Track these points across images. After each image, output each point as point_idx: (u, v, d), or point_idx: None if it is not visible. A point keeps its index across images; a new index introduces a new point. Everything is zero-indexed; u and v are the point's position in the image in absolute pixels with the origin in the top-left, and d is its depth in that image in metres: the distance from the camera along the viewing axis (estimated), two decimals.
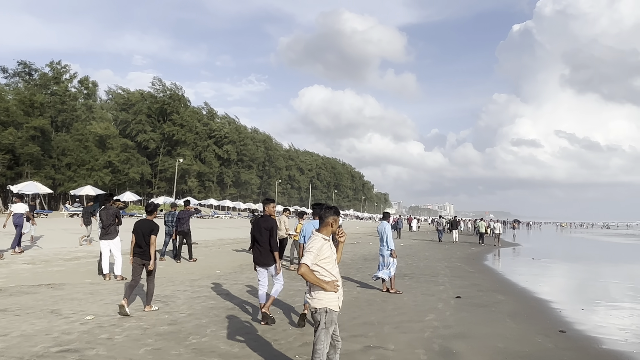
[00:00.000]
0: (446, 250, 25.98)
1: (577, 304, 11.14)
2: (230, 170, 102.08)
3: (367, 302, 10.04)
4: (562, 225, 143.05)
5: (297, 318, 8.03)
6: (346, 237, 4.91)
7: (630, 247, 41.39)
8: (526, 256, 25.32)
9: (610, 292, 13.39)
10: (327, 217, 4.73)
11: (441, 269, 16.67)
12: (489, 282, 14.13)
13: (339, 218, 4.84)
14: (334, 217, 4.74)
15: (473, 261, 20.60)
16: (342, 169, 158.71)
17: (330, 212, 4.74)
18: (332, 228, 4.74)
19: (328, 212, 4.73)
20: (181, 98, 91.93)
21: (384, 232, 11.38)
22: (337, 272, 4.70)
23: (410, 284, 12.85)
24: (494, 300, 10.94)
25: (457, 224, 38.01)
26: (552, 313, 9.86)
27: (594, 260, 25.88)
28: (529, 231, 79.29)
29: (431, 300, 10.60)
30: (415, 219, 63.82)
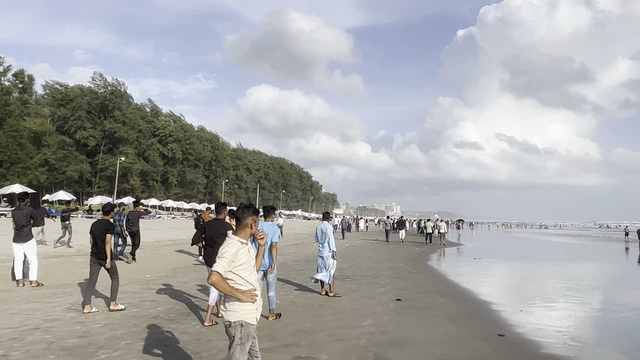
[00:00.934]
0: (390, 251, 25.89)
1: (516, 305, 11.03)
2: (175, 170, 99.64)
3: (303, 307, 9.55)
4: (503, 225, 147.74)
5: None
6: (266, 239, 4.36)
7: (565, 246, 42.83)
8: (468, 256, 25.54)
9: (547, 291, 13.45)
10: (245, 217, 4.19)
11: (383, 270, 16.41)
12: (431, 283, 13.94)
13: (258, 218, 4.31)
14: (253, 218, 4.20)
15: (416, 261, 20.52)
16: (291, 169, 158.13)
17: (249, 211, 4.20)
18: (251, 230, 4.20)
19: (246, 212, 4.19)
20: (123, 94, 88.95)
21: (326, 232, 10.93)
22: (255, 280, 4.16)
23: (351, 287, 12.47)
24: (434, 302, 10.69)
25: (404, 224, 38.77)
26: (491, 315, 9.67)
27: (532, 259, 26.40)
28: (471, 231, 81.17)
29: (370, 303, 10.23)
30: (362, 219, 64.25)
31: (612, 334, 8.75)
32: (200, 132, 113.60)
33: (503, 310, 10.23)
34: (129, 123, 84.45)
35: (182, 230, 35.07)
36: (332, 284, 11.00)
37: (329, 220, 11.42)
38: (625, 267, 23.32)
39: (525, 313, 10.00)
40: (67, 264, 14.54)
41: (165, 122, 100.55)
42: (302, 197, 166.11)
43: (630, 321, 9.75)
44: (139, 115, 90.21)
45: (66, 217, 19.31)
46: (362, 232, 51.75)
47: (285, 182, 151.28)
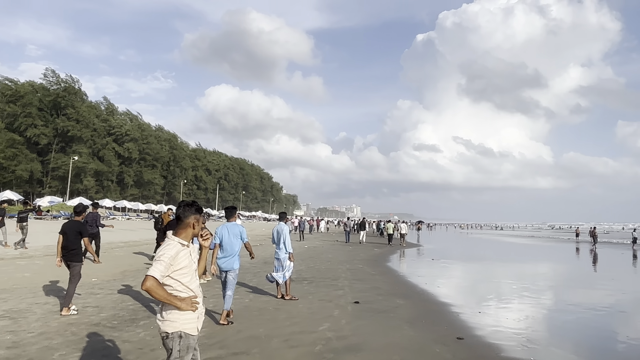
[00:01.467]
0: (350, 252, 25.70)
1: (474, 306, 10.94)
2: (132, 170, 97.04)
3: (258, 311, 9.14)
4: (460, 226, 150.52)
5: None
6: (211, 240, 3.97)
7: (519, 246, 43.72)
8: (427, 257, 25.62)
9: (504, 292, 13.46)
10: (186, 216, 3.78)
11: (342, 272, 16.15)
12: (389, 284, 13.75)
13: (202, 217, 3.91)
14: (195, 217, 3.80)
15: (375, 263, 20.37)
16: (251, 170, 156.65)
17: (191, 210, 3.80)
18: (194, 230, 3.80)
19: (188, 211, 3.79)
20: (78, 92, 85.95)
21: (282, 233, 10.56)
22: (197, 286, 3.76)
23: (309, 289, 12.13)
24: (393, 304, 10.46)
25: (364, 226, 39.13)
26: (450, 317, 9.51)
27: (488, 259, 26.74)
28: (430, 232, 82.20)
29: (328, 306, 9.91)
30: (323, 221, 64.20)
31: (568, 334, 8.70)
32: (158, 132, 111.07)
33: (462, 312, 10.10)
34: (83, 121, 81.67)
35: (137, 231, 33.99)
36: (288, 286, 10.64)
37: (286, 221, 11.04)
38: (577, 267, 23.82)
39: (484, 315, 9.89)
40: (7, 268, 13.66)
41: (122, 120, 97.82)
42: (263, 199, 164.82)
43: (585, 321, 9.75)
44: (94, 113, 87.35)
45: (24, 217, 18.81)
46: (322, 234, 51.52)
47: (246, 183, 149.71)
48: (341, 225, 76.55)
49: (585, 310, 10.92)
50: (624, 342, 8.10)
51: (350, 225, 40.13)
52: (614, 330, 9.00)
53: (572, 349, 7.61)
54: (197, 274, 3.84)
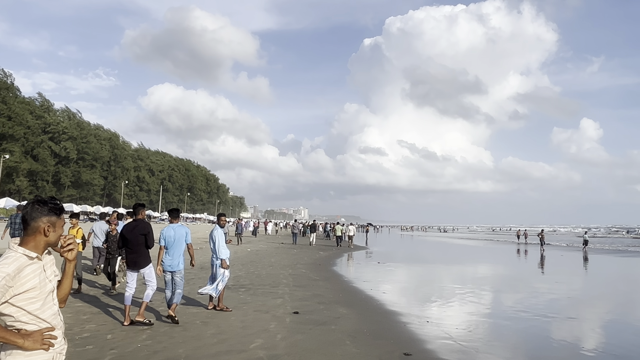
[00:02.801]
0: (294, 256, 24.77)
1: (422, 314, 10.24)
2: (69, 170, 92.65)
3: (182, 327, 8.05)
4: (405, 228, 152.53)
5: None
6: (77, 251, 2.89)
7: (464, 248, 44.08)
8: (373, 260, 25.06)
9: (452, 298, 12.90)
10: (35, 217, 2.67)
11: (284, 278, 15.19)
12: (333, 291, 12.90)
13: (61, 220, 2.81)
14: (50, 219, 2.70)
15: (319, 267, 19.52)
16: (197, 171, 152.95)
17: (43, 209, 2.69)
18: (48, 238, 2.69)
19: (38, 211, 2.68)
20: (10, 87, 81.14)
21: (214, 238, 9.51)
22: (54, 315, 2.69)
23: (244, 298, 11.11)
24: (335, 314, 9.60)
25: (315, 228, 39.40)
26: (397, 329, 8.74)
27: (434, 262, 26.51)
28: (376, 234, 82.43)
29: (264, 318, 8.94)
30: (271, 223, 63.46)
31: (521, 345, 8.10)
32: (98, 130, 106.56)
33: (409, 321, 9.36)
34: (16, 118, 77.06)
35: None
36: (221, 296, 9.58)
37: (221, 224, 9.91)
38: (525, 270, 23.81)
39: (432, 325, 9.17)
40: None
41: (58, 118, 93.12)
42: (208, 200, 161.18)
43: (538, 330, 9.20)
44: (27, 109, 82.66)
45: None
46: (270, 236, 50.35)
47: (191, 185, 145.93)
48: (288, 228, 75.79)
49: (537, 317, 10.41)
50: (577, 351, 7.56)
51: (298, 227, 39.86)
52: (566, 339, 8.46)
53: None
54: (59, 295, 2.79)
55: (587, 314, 11.37)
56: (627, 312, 11.91)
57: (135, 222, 8.28)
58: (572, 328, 9.47)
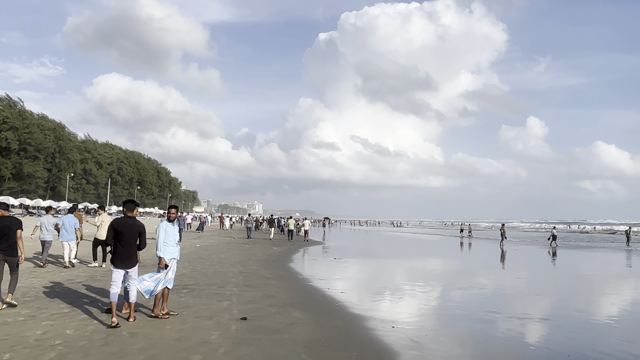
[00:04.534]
0: (246, 251, 23.41)
1: (387, 317, 9.16)
2: (10, 161, 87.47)
3: (102, 339, 6.67)
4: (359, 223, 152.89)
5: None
6: None
7: (420, 242, 43.82)
8: (329, 255, 24.01)
9: (417, 297, 11.97)
10: None
11: (233, 276, 13.88)
12: (286, 291, 11.70)
13: None
14: None
15: (273, 263, 18.29)
16: (147, 164, 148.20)
17: None
18: None
19: None
20: None
21: (157, 232, 8.14)
22: None
23: (186, 301, 9.77)
24: (288, 320, 8.40)
25: (274, 222, 39.54)
26: (360, 336, 7.62)
27: (392, 257, 25.71)
28: (329, 229, 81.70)
29: (205, 327, 7.66)
30: (227, 217, 62.21)
31: (502, 353, 7.15)
32: (42, 121, 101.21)
33: (372, 327, 8.27)
34: None
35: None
36: (157, 301, 8.21)
37: (171, 217, 8.34)
38: (488, 266, 23.32)
39: (399, 330, 8.10)
40: None
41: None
42: (160, 194, 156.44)
43: (516, 334, 8.31)
44: None
45: None
46: (224, 231, 48.64)
47: (141, 178, 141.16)
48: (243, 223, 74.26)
49: (508, 318, 9.55)
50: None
51: (252, 222, 39.06)
52: (545, 344, 7.58)
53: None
54: None
55: (563, 313, 10.63)
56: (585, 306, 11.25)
57: (131, 219, 7.91)
58: (551, 330, 8.62)
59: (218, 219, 65.36)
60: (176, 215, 8.40)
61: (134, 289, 7.78)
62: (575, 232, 78.83)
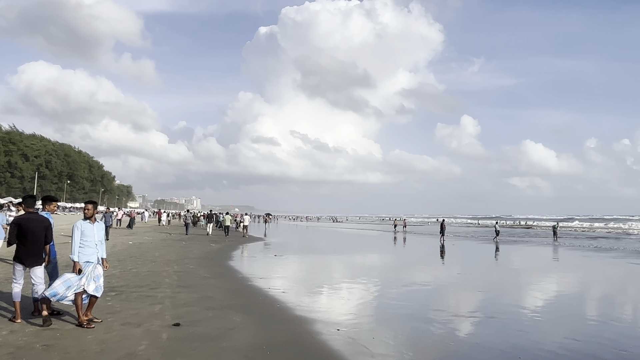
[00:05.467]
0: (182, 248, 22.36)
1: (331, 319, 8.66)
2: None
3: (10, 354, 5.78)
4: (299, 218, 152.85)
5: None
6: None
7: (360, 237, 43.97)
8: (270, 252, 23.38)
9: (361, 295, 11.59)
10: None
11: (167, 276, 12.99)
12: (225, 292, 10.99)
13: None
14: None
15: (211, 261, 17.44)
16: (78, 157, 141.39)
17: None
18: None
19: None
20: None
21: (72, 231, 7.24)
22: None
23: (113, 305, 8.88)
24: (227, 324, 7.73)
25: (212, 218, 38.51)
26: (305, 342, 7.07)
27: (333, 252, 25.40)
28: (268, 225, 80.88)
29: (134, 335, 6.87)
30: (165, 213, 60.15)
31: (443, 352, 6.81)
32: None
33: (317, 330, 7.75)
34: None
35: None
36: (78, 307, 7.29)
37: (86, 214, 7.45)
38: (435, 263, 23.40)
39: (343, 334, 7.60)
40: None
41: None
42: (92, 189, 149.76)
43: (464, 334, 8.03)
44: None
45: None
46: (161, 227, 46.77)
47: (71, 172, 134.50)
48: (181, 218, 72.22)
49: (455, 317, 9.30)
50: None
51: (190, 218, 37.88)
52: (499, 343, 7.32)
53: None
54: None
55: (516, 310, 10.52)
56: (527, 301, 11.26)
57: (35, 214, 7.46)
58: (499, 329, 8.40)
59: (156, 215, 63.05)
60: (92, 212, 7.45)
61: (40, 288, 7.24)
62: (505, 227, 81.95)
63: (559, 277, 16.83)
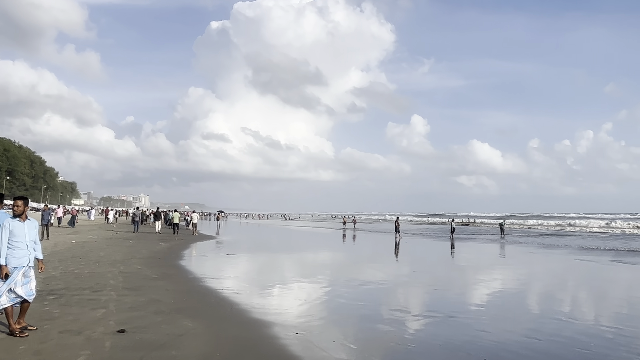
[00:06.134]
0: (129, 248, 21.40)
1: (289, 322, 8.25)
2: None
3: None
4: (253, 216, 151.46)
5: None
6: None
7: (314, 236, 43.72)
8: (222, 250, 22.73)
9: (317, 297, 11.24)
10: None
11: (112, 277, 12.24)
12: (175, 294, 10.39)
13: None
14: None
15: (159, 261, 16.69)
16: (19, 153, 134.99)
17: None
18: None
19: None
20: None
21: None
22: None
23: (51, 310, 8.17)
24: (177, 330, 7.20)
25: (160, 215, 37.76)
26: (263, 348, 6.62)
27: (286, 250, 25.01)
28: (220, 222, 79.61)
29: (74, 344, 6.26)
30: (112, 210, 58.01)
31: (408, 355, 6.55)
32: None
33: (274, 334, 7.33)
34: None
35: None
36: (9, 315, 6.61)
37: (16, 212, 6.78)
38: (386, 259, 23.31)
39: (302, 338, 7.21)
40: None
41: None
42: (33, 185, 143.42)
43: (426, 335, 7.80)
44: None
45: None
46: (108, 225, 44.97)
47: (11, 167, 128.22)
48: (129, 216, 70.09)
49: (415, 318, 9.09)
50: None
51: (139, 215, 36.95)
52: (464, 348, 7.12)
53: None
54: None
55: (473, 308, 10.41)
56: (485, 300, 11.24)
57: None
58: (461, 329, 8.23)
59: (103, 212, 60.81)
60: (23, 209, 6.74)
61: None
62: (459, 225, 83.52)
63: (513, 274, 17.02)
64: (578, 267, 19.91)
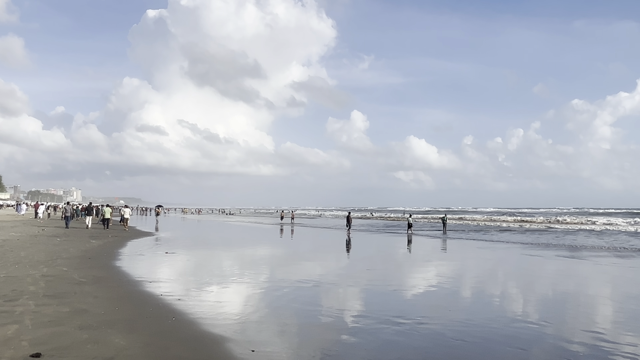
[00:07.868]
0: (56, 246, 19.40)
1: (242, 337, 7.10)
2: None
3: None
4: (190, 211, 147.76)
5: None
6: None
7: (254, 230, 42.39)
8: (160, 248, 21.11)
9: (272, 304, 10.19)
10: None
11: (32, 282, 10.63)
12: (106, 302, 8.98)
13: None
14: None
15: (89, 262, 15.03)
16: None
17: None
18: None
19: None
20: None
21: None
22: None
23: None
24: (105, 351, 5.92)
25: (92, 211, 36.74)
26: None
27: (232, 247, 23.69)
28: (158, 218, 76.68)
29: None
30: (43, 205, 54.41)
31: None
32: None
33: (227, 352, 6.21)
34: None
35: None
36: None
37: None
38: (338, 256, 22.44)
39: (261, 356, 6.14)
40: None
41: None
42: None
43: (399, 347, 6.91)
44: None
45: None
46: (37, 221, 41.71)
47: None
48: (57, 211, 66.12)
49: (382, 325, 8.18)
50: None
51: (70, 210, 34.84)
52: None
53: None
54: None
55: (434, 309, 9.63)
56: (448, 301, 10.55)
57: None
58: (432, 337, 7.39)
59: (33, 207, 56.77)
60: None
61: None
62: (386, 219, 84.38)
63: (468, 270, 16.56)
64: (531, 262, 19.77)
